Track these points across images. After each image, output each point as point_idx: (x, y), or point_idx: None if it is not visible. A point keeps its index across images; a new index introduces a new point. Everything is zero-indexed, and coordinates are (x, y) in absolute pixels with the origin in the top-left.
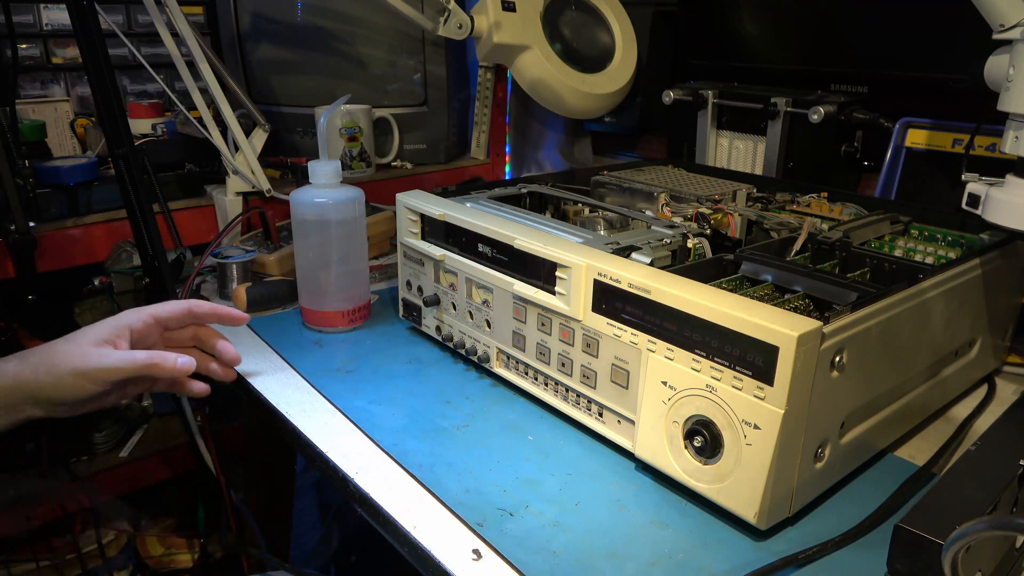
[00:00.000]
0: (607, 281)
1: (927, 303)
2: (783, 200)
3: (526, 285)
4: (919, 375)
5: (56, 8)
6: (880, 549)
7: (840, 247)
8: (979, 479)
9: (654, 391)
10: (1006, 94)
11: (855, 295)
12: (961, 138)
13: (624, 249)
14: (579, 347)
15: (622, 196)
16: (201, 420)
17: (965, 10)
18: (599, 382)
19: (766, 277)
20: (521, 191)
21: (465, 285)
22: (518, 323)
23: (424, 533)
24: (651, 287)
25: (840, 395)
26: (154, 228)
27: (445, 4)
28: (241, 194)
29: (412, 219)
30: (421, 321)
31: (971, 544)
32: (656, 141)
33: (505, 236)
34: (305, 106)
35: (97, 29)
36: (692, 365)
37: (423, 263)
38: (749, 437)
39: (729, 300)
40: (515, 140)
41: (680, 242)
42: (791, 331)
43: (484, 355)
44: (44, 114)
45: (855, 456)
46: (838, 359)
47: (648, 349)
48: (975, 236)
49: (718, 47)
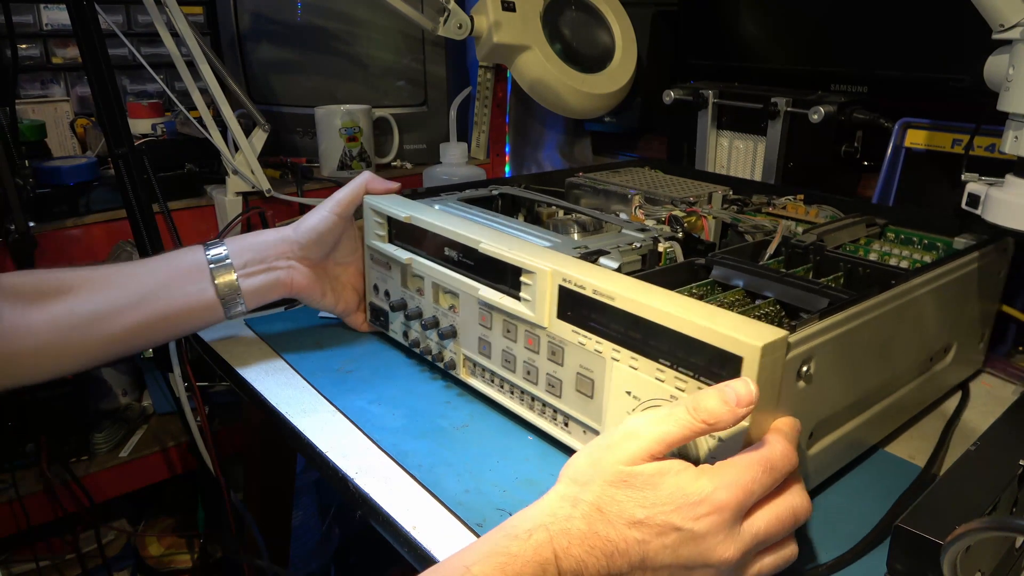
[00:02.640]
0: (572, 287)
1: (900, 309)
2: (759, 202)
3: (491, 290)
4: (892, 382)
5: (56, 8)
6: (880, 549)
7: (814, 251)
8: (979, 479)
9: (618, 401)
10: (1006, 94)
11: (826, 301)
12: (961, 138)
13: (592, 254)
14: (544, 355)
15: (596, 198)
16: (201, 420)
17: (965, 10)
18: (564, 391)
19: (737, 282)
20: (492, 193)
21: (432, 290)
22: (484, 329)
23: (424, 533)
24: (615, 294)
25: (808, 405)
26: (154, 228)
27: (445, 4)
28: (241, 194)
29: (379, 221)
30: (388, 326)
31: (971, 544)
32: (656, 141)
33: (470, 240)
34: (305, 106)
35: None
36: (656, 375)
37: (390, 267)
38: (713, 450)
39: (693, 308)
40: (515, 140)
41: (651, 246)
42: (755, 341)
43: (451, 362)
44: (44, 114)
45: (827, 466)
46: (805, 369)
47: (612, 358)
48: (950, 239)
49: (718, 47)
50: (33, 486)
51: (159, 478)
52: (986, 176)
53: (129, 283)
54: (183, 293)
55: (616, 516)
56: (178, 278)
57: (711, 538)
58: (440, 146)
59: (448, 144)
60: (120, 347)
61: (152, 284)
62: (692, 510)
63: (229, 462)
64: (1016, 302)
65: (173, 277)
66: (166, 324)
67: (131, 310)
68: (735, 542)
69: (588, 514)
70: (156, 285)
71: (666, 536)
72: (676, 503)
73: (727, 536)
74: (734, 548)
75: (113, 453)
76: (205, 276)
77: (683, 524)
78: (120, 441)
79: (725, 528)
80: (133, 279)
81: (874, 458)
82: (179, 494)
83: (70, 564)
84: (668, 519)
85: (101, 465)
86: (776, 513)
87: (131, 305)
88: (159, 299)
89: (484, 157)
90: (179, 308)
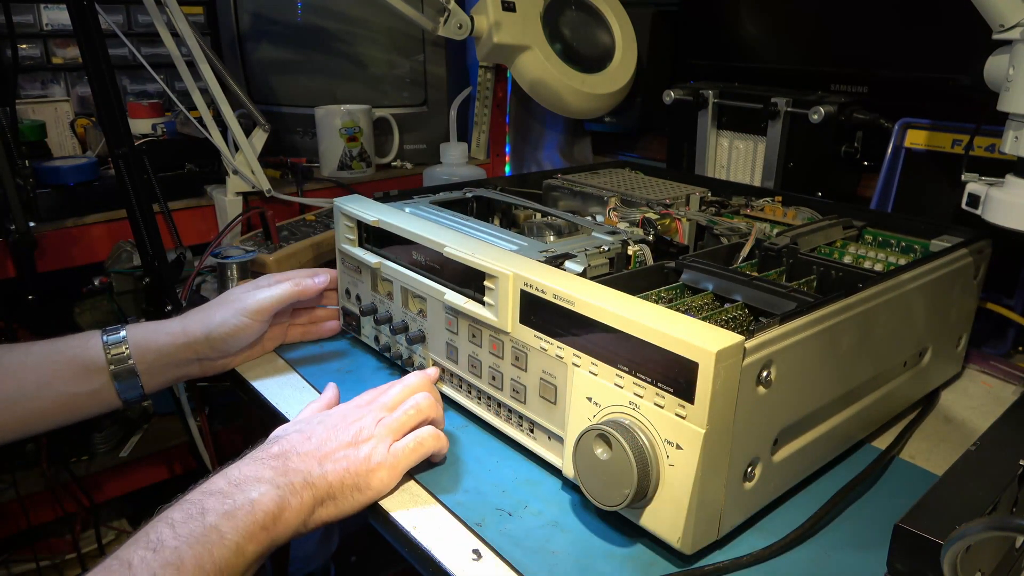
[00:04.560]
0: (533, 291)
1: (869, 313)
2: (738, 204)
3: (456, 295)
4: (863, 387)
5: (56, 8)
6: (880, 549)
7: (787, 254)
8: (979, 479)
9: (579, 407)
10: (1006, 94)
11: (793, 305)
12: (961, 138)
13: (558, 257)
14: (508, 360)
15: (573, 200)
16: (201, 420)
17: (965, 10)
18: (528, 397)
19: (706, 286)
20: (467, 195)
21: (401, 294)
22: (451, 334)
23: (424, 533)
24: (575, 298)
25: (770, 411)
26: (154, 228)
27: (445, 4)
28: (241, 194)
29: (348, 225)
30: (360, 331)
31: (971, 544)
32: (656, 141)
33: (435, 243)
34: (305, 106)
35: (97, 29)
36: (616, 381)
37: (360, 271)
38: (672, 458)
39: (651, 313)
40: (515, 140)
41: (619, 249)
42: (710, 346)
43: (420, 367)
44: (44, 114)
45: (793, 473)
46: (765, 374)
47: (574, 363)
48: (928, 242)
49: (718, 47)
50: (33, 486)
51: (159, 478)
52: (986, 176)
53: (19, 375)
54: (73, 390)
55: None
56: (72, 377)
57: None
58: (440, 146)
59: (448, 144)
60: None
61: (38, 379)
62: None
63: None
64: (1016, 302)
65: (62, 373)
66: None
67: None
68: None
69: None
70: (44, 380)
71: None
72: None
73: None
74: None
75: (113, 453)
76: (104, 375)
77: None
78: (120, 441)
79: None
80: (21, 371)
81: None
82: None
83: (70, 564)
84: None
85: (101, 465)
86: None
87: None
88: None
89: (484, 157)
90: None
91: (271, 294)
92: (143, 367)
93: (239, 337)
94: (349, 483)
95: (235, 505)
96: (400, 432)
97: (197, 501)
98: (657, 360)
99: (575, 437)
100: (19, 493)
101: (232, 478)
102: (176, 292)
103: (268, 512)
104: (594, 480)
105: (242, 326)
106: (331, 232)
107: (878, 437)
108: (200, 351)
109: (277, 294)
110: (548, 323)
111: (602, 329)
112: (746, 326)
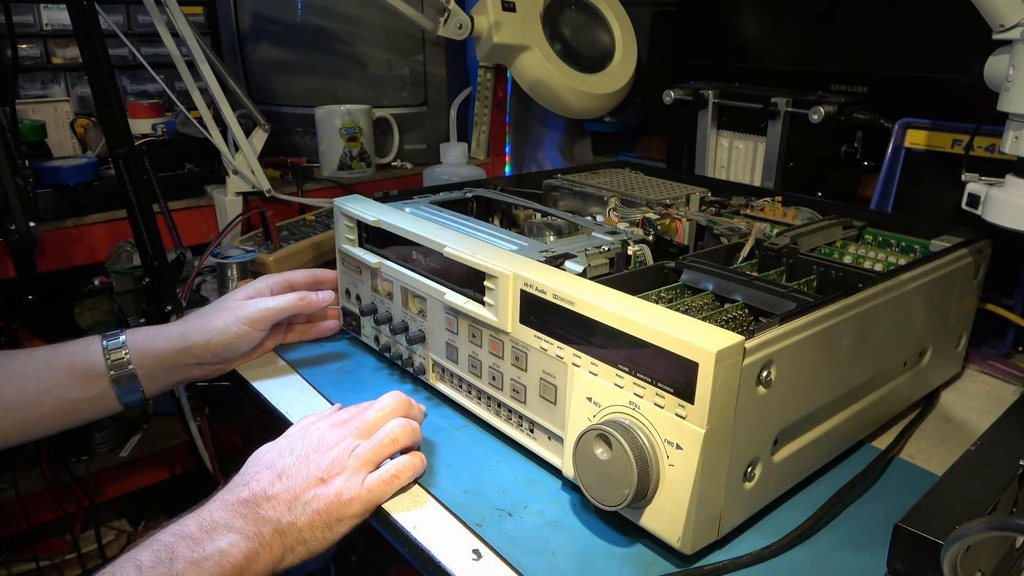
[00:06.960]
0: (533, 291)
1: (868, 313)
2: (738, 204)
3: (456, 295)
4: (863, 387)
5: (56, 8)
6: (880, 549)
7: (786, 254)
8: (979, 479)
9: (579, 407)
10: (1006, 94)
11: (793, 305)
12: (961, 138)
13: (558, 257)
14: (508, 360)
15: (573, 200)
16: (201, 420)
17: (965, 10)
18: (528, 397)
19: (706, 286)
20: (467, 195)
21: (401, 294)
22: (451, 335)
23: (424, 533)
24: (575, 298)
25: (770, 411)
26: (154, 228)
27: (445, 4)
28: (241, 194)
29: (348, 225)
30: (360, 331)
31: (971, 544)
32: (656, 141)
33: (435, 243)
34: (305, 106)
35: (97, 29)
36: (616, 381)
37: (360, 271)
38: (672, 458)
39: (651, 313)
40: (515, 140)
41: (619, 249)
42: (710, 346)
43: (420, 367)
44: (44, 114)
45: (793, 473)
46: (765, 374)
47: (574, 363)
48: (928, 242)
49: (718, 47)
50: (33, 486)
51: (159, 478)
52: (986, 176)
53: (19, 382)
54: (75, 396)
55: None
56: (72, 383)
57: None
58: (440, 146)
59: (448, 144)
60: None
61: (39, 386)
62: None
63: (229, 462)
64: (1016, 302)
65: (63, 379)
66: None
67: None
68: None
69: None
70: (45, 386)
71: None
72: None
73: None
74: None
75: (113, 453)
76: (104, 381)
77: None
78: (120, 441)
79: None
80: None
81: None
82: (179, 494)
83: (70, 564)
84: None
85: (101, 465)
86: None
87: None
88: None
89: (484, 157)
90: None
91: (274, 305)
92: (143, 372)
93: (239, 344)
94: (320, 524)
95: (204, 554)
96: (374, 463)
97: (168, 544)
98: (657, 360)
99: (575, 437)
100: (19, 493)
101: (203, 522)
102: (176, 292)
103: (236, 564)
104: (594, 480)
105: (242, 334)
106: (331, 232)
107: (878, 437)
108: (200, 356)
109: (280, 306)
110: (548, 323)
111: (602, 329)
112: (746, 326)
